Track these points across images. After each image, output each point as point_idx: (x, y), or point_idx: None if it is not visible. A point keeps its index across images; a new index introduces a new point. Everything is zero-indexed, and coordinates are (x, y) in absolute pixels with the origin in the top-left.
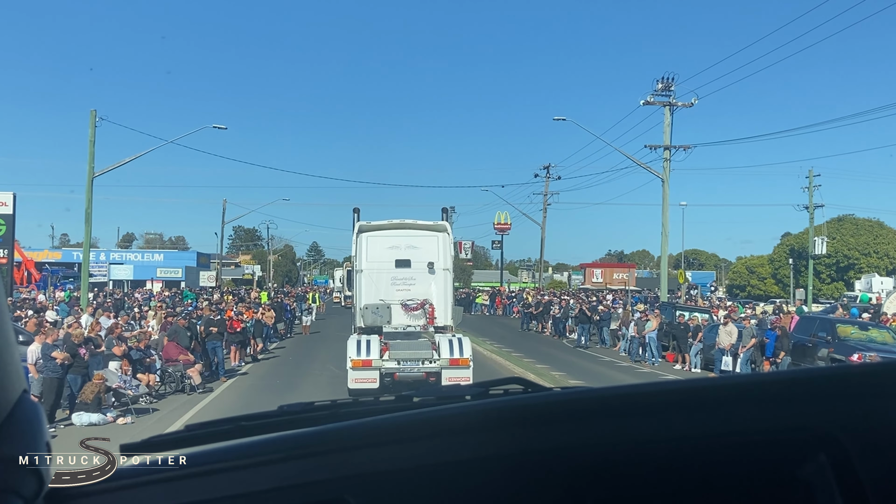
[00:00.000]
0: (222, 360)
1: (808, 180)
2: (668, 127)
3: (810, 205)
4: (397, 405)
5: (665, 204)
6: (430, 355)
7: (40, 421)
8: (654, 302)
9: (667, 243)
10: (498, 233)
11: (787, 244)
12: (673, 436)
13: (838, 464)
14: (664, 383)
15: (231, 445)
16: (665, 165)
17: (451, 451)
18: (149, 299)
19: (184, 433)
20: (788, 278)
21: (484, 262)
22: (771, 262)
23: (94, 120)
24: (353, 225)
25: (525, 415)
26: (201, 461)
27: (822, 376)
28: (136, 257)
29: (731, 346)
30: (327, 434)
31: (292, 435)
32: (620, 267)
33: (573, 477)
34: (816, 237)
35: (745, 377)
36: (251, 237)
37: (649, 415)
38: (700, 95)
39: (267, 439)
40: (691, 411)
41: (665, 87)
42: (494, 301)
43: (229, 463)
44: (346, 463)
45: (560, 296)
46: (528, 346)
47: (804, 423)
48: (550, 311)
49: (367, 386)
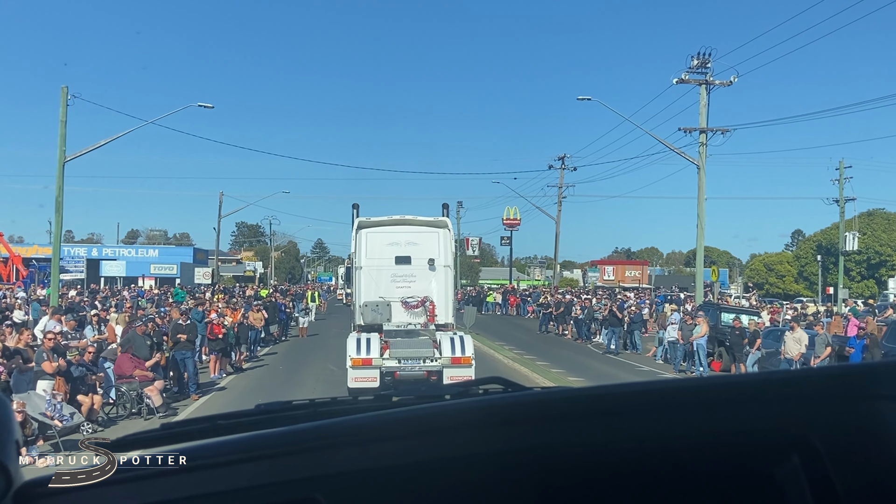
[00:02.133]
0: (194, 374)
1: (839, 171)
2: (704, 108)
3: (840, 198)
4: (376, 404)
5: (701, 194)
6: (431, 354)
7: (9, 419)
8: (678, 301)
9: (703, 237)
10: (507, 228)
11: (814, 240)
12: (647, 436)
13: (810, 465)
14: (640, 384)
15: (204, 444)
16: (701, 150)
17: (427, 450)
18: (137, 298)
19: (157, 431)
20: (816, 276)
21: (490, 260)
22: (797, 259)
23: (66, 98)
24: (353, 221)
25: (504, 414)
26: None
27: (795, 377)
28: (129, 253)
29: (801, 355)
30: (301, 433)
31: (267, 434)
32: (633, 264)
33: (550, 476)
34: (847, 232)
35: (719, 378)
36: (254, 233)
37: (625, 415)
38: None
39: (241, 438)
40: (665, 412)
41: (701, 64)
42: (507, 300)
43: (201, 461)
44: (318, 462)
45: (578, 294)
46: (551, 353)
47: (777, 425)
48: (572, 312)
49: (367, 385)
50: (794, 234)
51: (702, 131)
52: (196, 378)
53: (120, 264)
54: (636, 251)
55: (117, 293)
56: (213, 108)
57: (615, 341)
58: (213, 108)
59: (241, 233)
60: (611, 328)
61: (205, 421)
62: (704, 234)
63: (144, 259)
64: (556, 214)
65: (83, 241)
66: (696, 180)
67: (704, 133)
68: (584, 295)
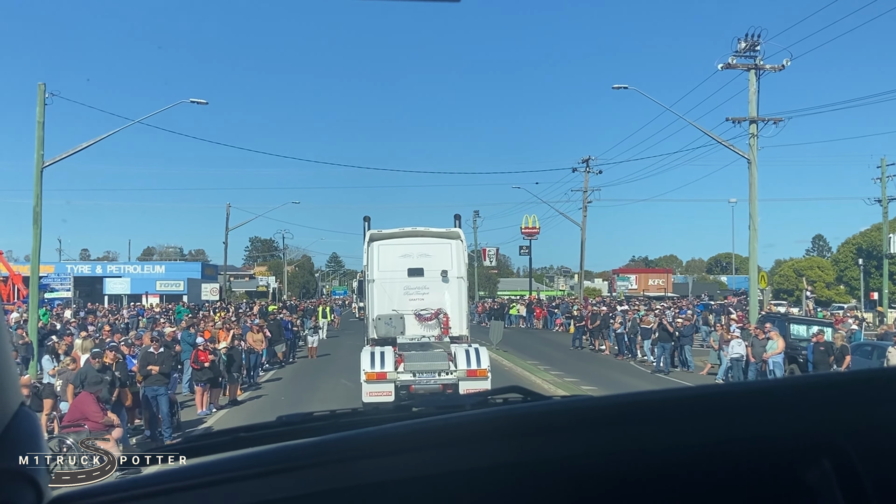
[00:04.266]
0: (169, 415)
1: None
2: (753, 95)
3: (883, 197)
4: (396, 415)
5: (753, 191)
6: (446, 366)
7: (38, 434)
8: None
9: (756, 239)
10: (526, 237)
11: (854, 243)
12: (676, 443)
13: (841, 469)
14: (666, 391)
15: (228, 457)
16: (752, 143)
17: (449, 461)
18: (136, 317)
19: (181, 445)
20: (857, 281)
21: (506, 271)
22: (836, 264)
23: (43, 96)
24: (364, 233)
25: (525, 424)
26: (198, 473)
27: (825, 382)
28: (135, 269)
29: None
30: (325, 445)
31: (290, 446)
32: (657, 272)
33: (574, 486)
34: (891, 234)
35: (748, 384)
36: (268, 248)
37: (651, 423)
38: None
39: (264, 451)
40: (694, 418)
41: (749, 47)
42: (533, 312)
43: (225, 475)
44: (344, 474)
45: (613, 306)
46: (593, 373)
47: (807, 429)
48: (610, 325)
49: (381, 399)
50: (815, 239)
51: (752, 121)
52: (173, 419)
53: (124, 281)
54: (654, 259)
55: (115, 312)
56: (207, 105)
57: (665, 358)
58: (206, 104)
59: (255, 248)
60: (660, 343)
61: (227, 433)
62: (758, 235)
63: (150, 276)
64: (582, 220)
65: (101, 259)
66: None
67: (755, 123)
68: (622, 305)
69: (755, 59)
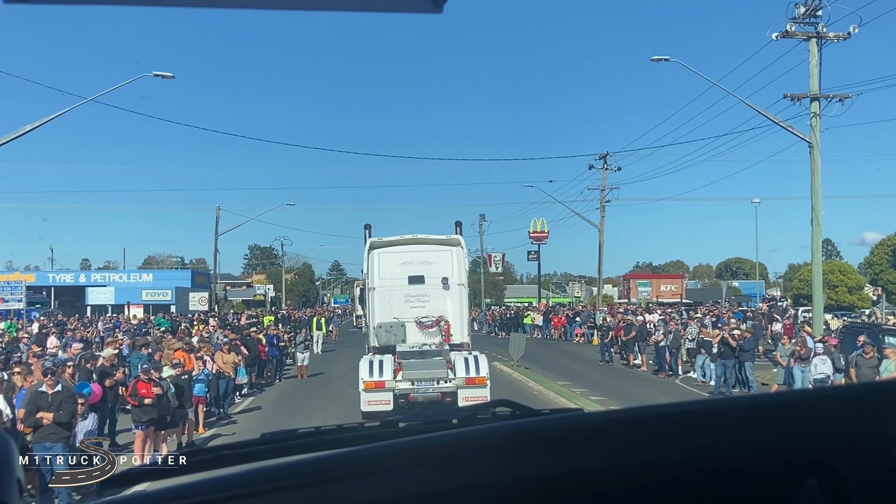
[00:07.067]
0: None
1: None
2: (815, 68)
3: None
4: (383, 431)
5: (816, 178)
6: (444, 375)
7: (11, 457)
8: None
9: (819, 234)
10: (534, 242)
11: (889, 244)
12: (662, 461)
13: (830, 489)
14: (654, 407)
15: (209, 478)
16: (813, 123)
17: (436, 480)
18: (113, 330)
19: (157, 467)
20: (894, 284)
21: (510, 278)
22: (869, 266)
23: None
24: (365, 241)
25: (515, 441)
26: (178, 494)
27: (813, 398)
28: (120, 278)
29: None
30: (309, 465)
31: (274, 466)
32: (669, 277)
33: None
34: None
35: (734, 399)
36: (267, 256)
37: (638, 440)
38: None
39: (247, 471)
40: (679, 436)
41: (809, 12)
42: (550, 320)
43: (206, 496)
44: (329, 495)
45: (640, 314)
46: (638, 396)
47: (795, 447)
48: (647, 338)
49: (380, 408)
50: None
51: (814, 98)
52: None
53: (108, 291)
54: (659, 265)
55: (88, 325)
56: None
57: (727, 378)
58: (173, 77)
59: (254, 255)
60: (721, 361)
61: (210, 452)
62: (821, 230)
63: (136, 284)
64: (599, 221)
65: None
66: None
67: (818, 101)
68: (650, 314)
69: (816, 27)
